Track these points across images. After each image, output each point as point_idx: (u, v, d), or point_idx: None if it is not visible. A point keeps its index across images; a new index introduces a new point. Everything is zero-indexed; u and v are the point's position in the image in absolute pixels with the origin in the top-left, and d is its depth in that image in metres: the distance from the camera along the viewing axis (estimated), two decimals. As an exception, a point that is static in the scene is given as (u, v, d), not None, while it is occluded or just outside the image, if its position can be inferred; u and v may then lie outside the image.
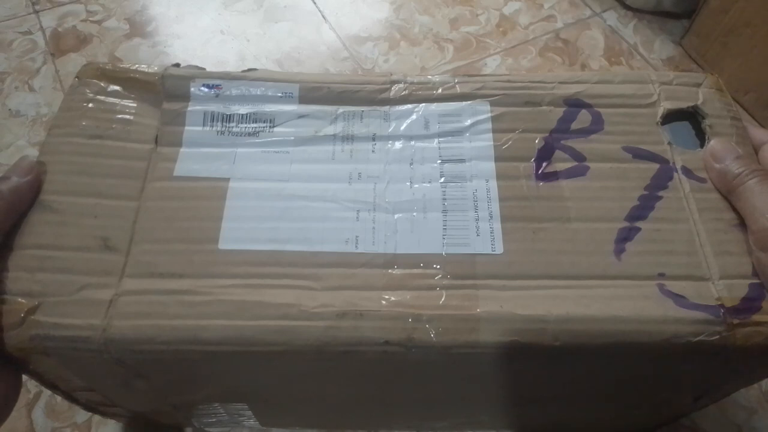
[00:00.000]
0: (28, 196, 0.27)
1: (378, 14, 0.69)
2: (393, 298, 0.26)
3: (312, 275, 0.27)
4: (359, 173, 0.29)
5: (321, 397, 0.33)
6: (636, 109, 0.31)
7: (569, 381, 0.30)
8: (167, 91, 0.31)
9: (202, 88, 0.31)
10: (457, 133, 0.31)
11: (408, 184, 0.29)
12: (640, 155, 0.30)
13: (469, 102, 0.31)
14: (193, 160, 0.29)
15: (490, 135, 0.30)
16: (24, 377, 0.28)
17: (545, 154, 0.30)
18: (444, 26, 0.68)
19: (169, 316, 0.25)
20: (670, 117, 0.31)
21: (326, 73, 0.61)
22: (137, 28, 0.66)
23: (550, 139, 0.30)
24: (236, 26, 0.67)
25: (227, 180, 0.29)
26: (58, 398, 0.39)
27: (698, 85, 0.32)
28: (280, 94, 0.31)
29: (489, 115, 0.31)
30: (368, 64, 0.64)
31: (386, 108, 0.31)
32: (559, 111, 0.31)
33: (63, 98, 0.31)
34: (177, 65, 0.32)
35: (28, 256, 0.26)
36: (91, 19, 0.67)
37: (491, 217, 0.28)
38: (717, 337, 0.25)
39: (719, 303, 0.26)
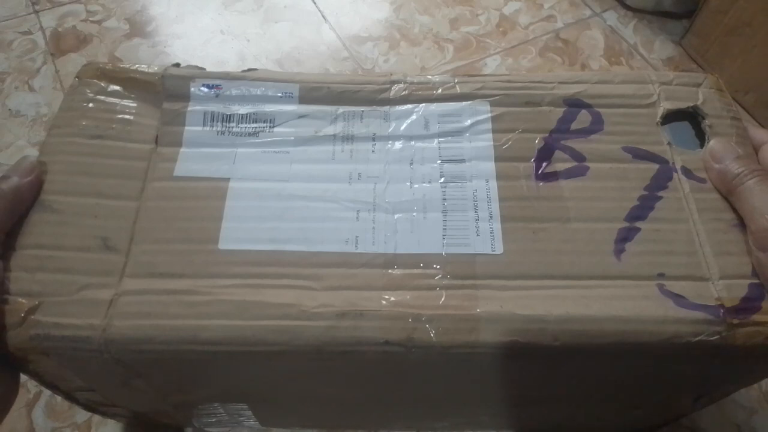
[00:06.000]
0: (29, 196, 0.27)
1: (378, 14, 0.69)
2: (393, 298, 0.26)
3: (312, 275, 0.27)
4: (359, 173, 0.29)
5: (321, 397, 0.33)
6: (636, 109, 0.31)
7: (569, 381, 0.30)
8: (167, 91, 0.31)
9: (202, 88, 0.31)
10: (457, 133, 0.31)
11: (408, 184, 0.29)
12: (639, 155, 0.30)
13: (469, 102, 0.31)
14: (193, 160, 0.29)
15: (490, 135, 0.30)
16: (24, 377, 0.28)
17: (545, 154, 0.30)
18: (444, 26, 0.68)
19: (169, 316, 0.25)
20: (670, 117, 0.31)
21: (326, 73, 0.61)
22: (137, 28, 0.66)
23: (550, 140, 0.30)
24: (236, 26, 0.67)
25: (227, 180, 0.29)
26: (58, 398, 0.39)
27: (698, 85, 0.32)
28: (280, 94, 0.31)
29: (489, 115, 0.31)
30: (368, 64, 0.64)
31: (386, 108, 0.31)
32: (559, 111, 0.31)
33: (63, 98, 0.31)
34: (177, 65, 0.32)
35: (28, 256, 0.26)
36: (91, 19, 0.67)
37: (491, 217, 0.28)
38: (717, 337, 0.25)
39: (719, 303, 0.26)
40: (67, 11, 0.67)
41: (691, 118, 0.31)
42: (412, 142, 0.30)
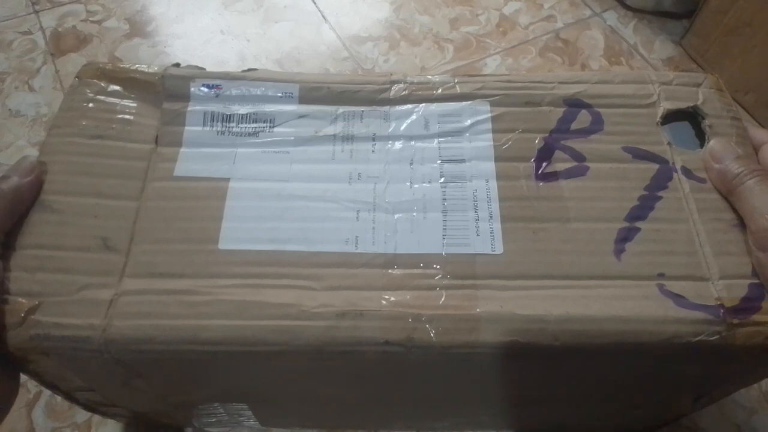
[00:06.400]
0: (29, 196, 0.27)
1: (378, 14, 0.69)
2: (393, 298, 0.26)
3: (312, 275, 0.27)
4: (359, 173, 0.29)
5: (321, 397, 0.33)
6: (636, 109, 0.31)
7: (569, 381, 0.30)
8: (167, 91, 0.31)
9: (202, 88, 0.31)
10: (457, 133, 0.31)
11: (408, 184, 0.29)
12: (639, 155, 0.30)
13: (469, 102, 0.31)
14: (193, 160, 0.29)
15: (490, 135, 0.30)
16: (24, 377, 0.28)
17: (545, 154, 0.30)
18: (444, 26, 0.68)
19: (169, 316, 0.25)
20: (670, 117, 0.31)
21: (326, 73, 0.61)
22: (137, 28, 0.66)
23: (550, 140, 0.30)
24: (236, 26, 0.67)
25: (227, 180, 0.29)
26: (58, 398, 0.39)
27: (698, 85, 0.32)
28: (280, 94, 0.31)
29: (489, 115, 0.31)
30: (368, 64, 0.64)
31: (386, 108, 0.31)
32: (559, 111, 0.31)
33: (63, 98, 0.31)
34: (177, 65, 0.32)
35: (28, 256, 0.26)
36: (91, 19, 0.67)
37: (491, 217, 0.28)
38: (717, 337, 0.25)
39: (719, 303, 0.26)
40: (67, 11, 0.67)
41: (691, 118, 0.31)
42: (412, 142, 0.30)
